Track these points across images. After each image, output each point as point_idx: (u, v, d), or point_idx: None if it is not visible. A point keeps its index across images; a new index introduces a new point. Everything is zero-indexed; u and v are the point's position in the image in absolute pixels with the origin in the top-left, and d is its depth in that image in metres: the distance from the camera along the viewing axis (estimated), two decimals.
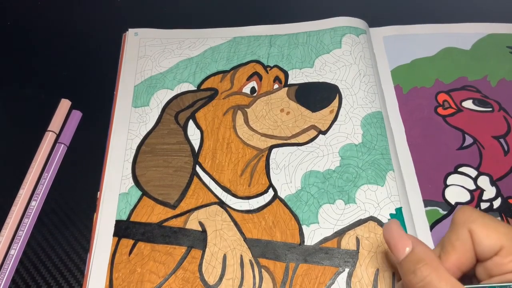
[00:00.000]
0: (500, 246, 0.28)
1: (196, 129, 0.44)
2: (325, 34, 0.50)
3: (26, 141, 0.45)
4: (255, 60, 0.49)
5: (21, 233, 0.40)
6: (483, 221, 0.29)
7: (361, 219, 0.39)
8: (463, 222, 0.29)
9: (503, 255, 0.28)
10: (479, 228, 0.29)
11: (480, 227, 0.29)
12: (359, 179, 0.41)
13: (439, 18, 0.52)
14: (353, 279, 0.36)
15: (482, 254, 0.29)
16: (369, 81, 0.47)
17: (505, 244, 0.28)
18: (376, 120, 0.44)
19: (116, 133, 0.44)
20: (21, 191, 0.42)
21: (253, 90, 0.47)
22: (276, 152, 0.43)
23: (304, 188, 0.40)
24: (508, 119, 0.45)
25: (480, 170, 0.42)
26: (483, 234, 0.28)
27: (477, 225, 0.29)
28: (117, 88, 0.48)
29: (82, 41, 0.53)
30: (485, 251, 0.28)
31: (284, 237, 0.38)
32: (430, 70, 0.49)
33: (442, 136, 0.44)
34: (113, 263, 0.37)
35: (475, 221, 0.29)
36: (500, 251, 0.28)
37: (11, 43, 0.53)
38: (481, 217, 0.29)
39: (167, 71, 0.48)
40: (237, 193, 0.41)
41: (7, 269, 0.38)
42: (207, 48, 0.50)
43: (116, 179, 0.42)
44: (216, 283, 0.36)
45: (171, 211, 0.40)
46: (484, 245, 0.28)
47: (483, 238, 0.28)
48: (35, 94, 0.49)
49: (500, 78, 0.48)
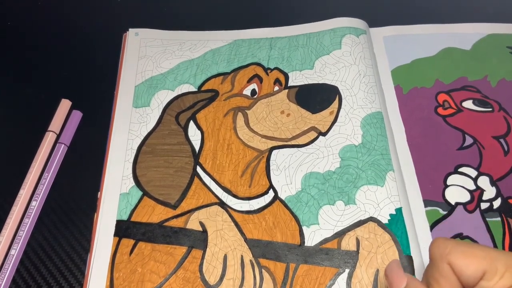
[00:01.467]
0: (483, 271, 0.28)
1: (197, 130, 0.45)
2: (325, 35, 0.50)
3: (27, 141, 0.45)
4: (256, 63, 0.49)
5: (21, 233, 0.40)
6: (459, 250, 0.29)
7: (361, 220, 0.39)
8: (440, 256, 0.29)
9: (488, 279, 0.28)
10: (457, 259, 0.28)
11: (458, 258, 0.28)
12: (359, 180, 0.41)
13: (439, 18, 0.52)
14: (353, 280, 0.36)
15: (467, 282, 0.28)
16: (369, 82, 0.47)
17: (487, 268, 0.28)
18: (376, 120, 0.44)
19: (116, 133, 0.44)
20: (22, 191, 0.42)
21: (253, 92, 0.47)
22: (276, 153, 0.43)
23: (304, 189, 0.41)
24: (508, 119, 0.45)
25: (480, 170, 0.42)
26: (463, 263, 0.28)
27: (454, 256, 0.29)
28: (117, 88, 0.48)
29: (82, 41, 0.53)
30: (469, 279, 0.28)
31: (284, 238, 0.38)
32: (430, 70, 0.49)
33: (442, 136, 0.44)
34: (114, 263, 0.37)
35: (451, 253, 0.29)
36: (484, 275, 0.28)
37: (11, 43, 0.53)
38: (456, 246, 0.29)
39: (168, 72, 0.48)
40: (237, 193, 0.41)
41: (7, 269, 0.38)
42: (208, 50, 0.50)
43: (117, 179, 0.42)
44: (217, 283, 0.36)
45: (172, 211, 0.40)
46: (467, 275, 0.28)
47: (464, 268, 0.28)
48: (35, 94, 0.49)
49: (500, 78, 0.48)
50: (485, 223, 0.39)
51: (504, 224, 0.39)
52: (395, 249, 0.37)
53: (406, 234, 0.38)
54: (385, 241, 0.37)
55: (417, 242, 0.38)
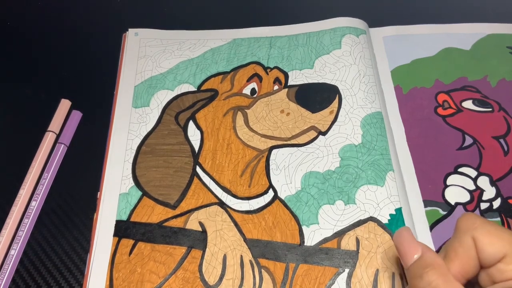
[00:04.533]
0: (504, 253, 0.28)
1: (196, 130, 0.44)
2: (325, 34, 0.50)
3: (26, 141, 0.45)
4: (255, 62, 0.49)
5: (21, 233, 0.40)
6: (486, 228, 0.29)
7: (361, 220, 0.39)
8: (466, 229, 0.29)
9: (506, 262, 0.28)
10: (482, 235, 0.29)
11: (483, 235, 0.29)
12: (359, 180, 0.41)
13: (439, 18, 0.52)
14: (353, 280, 0.36)
15: (485, 261, 0.29)
16: (369, 82, 0.47)
17: (509, 252, 0.28)
18: (376, 120, 0.44)
19: (116, 133, 0.44)
20: (21, 191, 0.42)
21: (253, 91, 0.47)
22: (276, 153, 0.43)
23: (304, 189, 0.41)
24: (508, 119, 0.45)
25: (480, 171, 0.42)
26: (487, 241, 0.28)
27: (480, 232, 0.29)
28: (117, 88, 0.48)
29: (82, 41, 0.53)
30: (488, 258, 0.28)
31: (284, 238, 0.38)
32: (430, 70, 0.49)
33: (442, 136, 0.44)
34: (113, 263, 0.37)
35: (478, 228, 0.29)
36: (503, 258, 0.28)
37: (11, 43, 0.53)
38: (484, 224, 0.29)
39: (168, 71, 0.48)
40: (237, 193, 0.41)
41: (7, 269, 0.38)
42: (207, 49, 0.50)
43: (116, 179, 0.42)
44: (216, 283, 0.36)
45: (171, 211, 0.40)
46: (487, 253, 0.28)
47: (486, 245, 0.28)
48: (35, 94, 0.49)
49: (500, 78, 0.48)
50: None
51: (504, 224, 0.39)
52: (394, 249, 0.37)
53: None
54: (385, 241, 0.37)
55: None
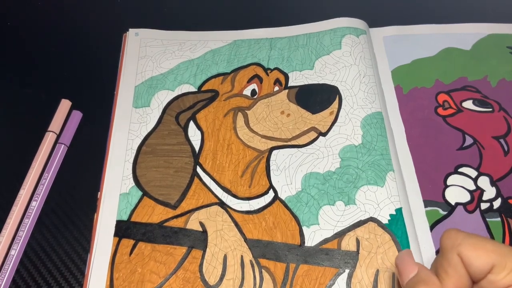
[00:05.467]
0: (492, 264, 0.28)
1: (197, 130, 0.45)
2: (325, 35, 0.50)
3: (27, 141, 0.45)
4: (256, 63, 0.49)
5: (21, 233, 0.40)
6: (470, 242, 0.29)
7: (361, 220, 0.39)
8: (451, 247, 0.29)
9: (496, 272, 0.28)
10: (467, 250, 0.29)
11: (468, 249, 0.29)
12: (359, 180, 0.41)
13: (439, 18, 0.52)
14: (353, 280, 0.36)
15: (475, 274, 0.29)
16: (369, 82, 0.47)
17: (496, 262, 0.28)
18: (376, 120, 0.44)
19: (116, 133, 0.44)
20: (22, 191, 0.42)
21: (253, 92, 0.47)
22: (276, 153, 0.43)
23: (304, 189, 0.41)
24: (508, 119, 0.45)
25: (480, 171, 0.42)
26: (473, 255, 0.28)
27: (464, 247, 0.29)
28: (117, 88, 0.48)
29: (82, 41, 0.53)
30: (477, 271, 0.28)
31: (284, 238, 0.38)
32: (430, 71, 0.49)
33: (442, 136, 0.44)
34: (114, 263, 0.37)
35: (462, 244, 0.29)
36: (492, 269, 0.28)
37: (11, 43, 0.53)
38: (467, 238, 0.29)
39: (168, 72, 0.48)
40: (237, 194, 0.41)
41: (7, 270, 0.38)
42: (207, 50, 0.50)
43: (117, 179, 0.42)
44: (217, 283, 0.36)
45: (172, 211, 0.40)
46: (475, 266, 0.28)
47: (473, 259, 0.28)
48: (35, 94, 0.49)
49: (500, 78, 0.48)
50: (485, 223, 0.39)
51: (504, 224, 0.39)
52: (395, 249, 0.37)
53: (406, 234, 0.38)
54: (385, 241, 0.37)
55: (417, 243, 0.38)
